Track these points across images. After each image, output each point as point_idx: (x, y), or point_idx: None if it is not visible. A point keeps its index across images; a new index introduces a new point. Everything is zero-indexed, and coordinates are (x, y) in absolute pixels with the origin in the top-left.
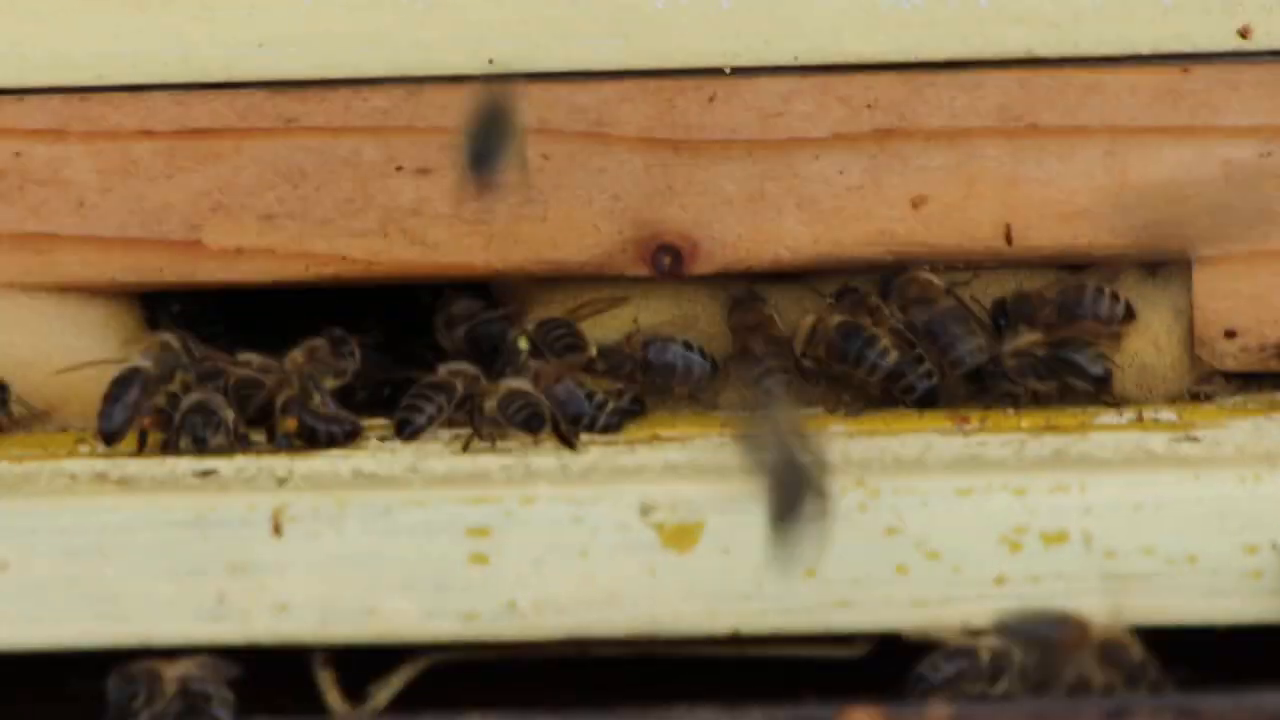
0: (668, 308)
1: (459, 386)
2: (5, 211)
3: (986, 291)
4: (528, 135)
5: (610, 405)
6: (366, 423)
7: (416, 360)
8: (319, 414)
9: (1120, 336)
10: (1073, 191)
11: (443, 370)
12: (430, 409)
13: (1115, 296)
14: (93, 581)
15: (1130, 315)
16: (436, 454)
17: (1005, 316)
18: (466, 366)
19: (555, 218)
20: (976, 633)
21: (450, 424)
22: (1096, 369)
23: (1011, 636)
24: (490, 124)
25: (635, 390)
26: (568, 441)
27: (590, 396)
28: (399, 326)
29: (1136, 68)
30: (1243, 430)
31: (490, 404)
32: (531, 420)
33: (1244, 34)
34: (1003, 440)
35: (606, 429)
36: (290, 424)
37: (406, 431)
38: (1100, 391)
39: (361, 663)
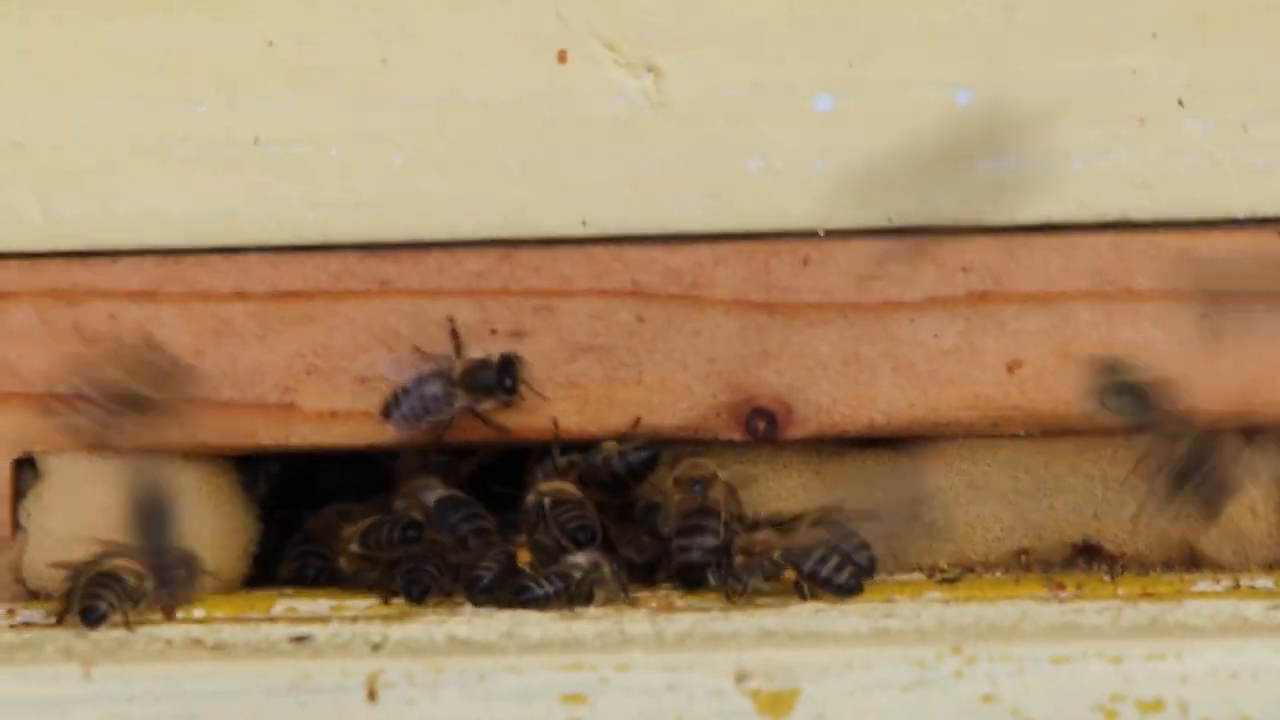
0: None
1: None
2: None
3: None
4: (618, 300)
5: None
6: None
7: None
8: None
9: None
10: (1168, 356)
11: None
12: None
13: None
14: None
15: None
16: (532, 619)
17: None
18: None
19: (650, 381)
20: None
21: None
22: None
23: None
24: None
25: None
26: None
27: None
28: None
29: (1231, 230)
30: None
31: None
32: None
33: None
34: (1099, 607)
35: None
36: None
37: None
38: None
39: None
